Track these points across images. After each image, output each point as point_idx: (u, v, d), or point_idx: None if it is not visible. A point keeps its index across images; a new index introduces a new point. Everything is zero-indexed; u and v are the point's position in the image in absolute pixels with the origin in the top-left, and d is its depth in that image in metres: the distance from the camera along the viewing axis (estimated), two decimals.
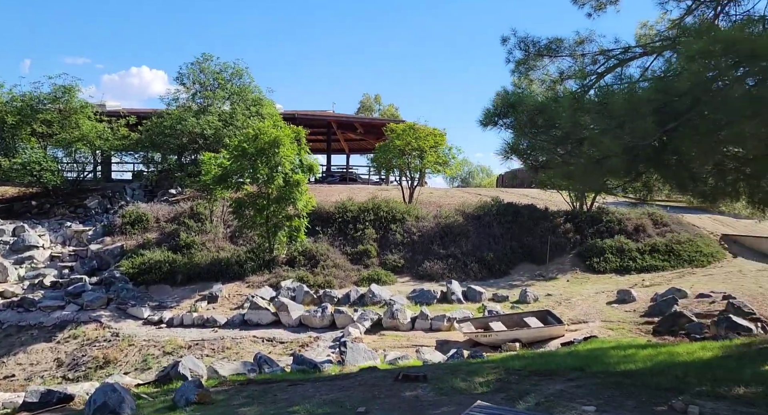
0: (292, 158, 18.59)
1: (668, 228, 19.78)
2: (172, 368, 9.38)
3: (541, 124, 5.90)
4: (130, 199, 26.10)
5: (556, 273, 18.06)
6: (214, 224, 21.43)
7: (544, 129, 5.91)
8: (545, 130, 5.90)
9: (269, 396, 6.88)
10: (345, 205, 21.89)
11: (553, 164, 5.96)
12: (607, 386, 5.63)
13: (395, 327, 13.83)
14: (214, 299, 16.99)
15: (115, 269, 18.63)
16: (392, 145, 24.45)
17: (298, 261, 19.16)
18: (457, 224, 20.59)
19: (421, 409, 5.58)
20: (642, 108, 4.51)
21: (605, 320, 12.30)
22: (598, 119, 4.93)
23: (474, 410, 4.71)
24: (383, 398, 6.11)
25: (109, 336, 15.16)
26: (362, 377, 7.24)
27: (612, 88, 5.17)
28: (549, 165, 6.10)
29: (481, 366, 7.09)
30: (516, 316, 12.89)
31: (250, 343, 14.21)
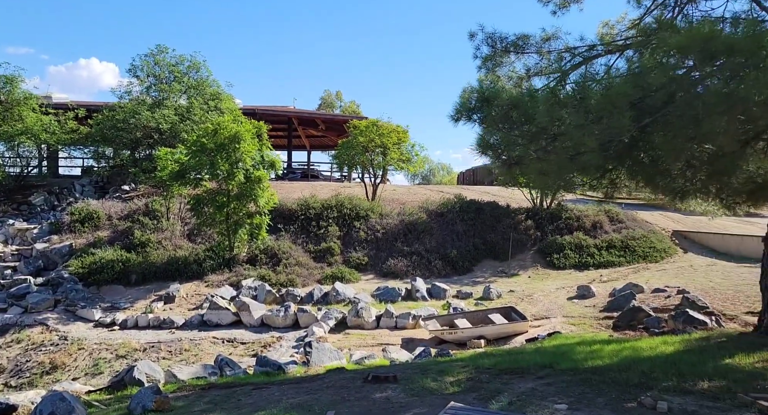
0: (253, 154, 18.13)
1: (624, 225, 20.38)
2: (127, 373, 8.92)
3: (516, 120, 5.86)
4: (79, 195, 24.90)
5: (518, 269, 18.30)
6: (171, 222, 20.69)
7: (518, 124, 5.86)
8: (519, 126, 5.86)
9: (232, 401, 6.60)
10: (308, 203, 21.55)
11: (527, 160, 5.93)
12: (577, 384, 5.64)
13: (360, 326, 13.67)
14: (171, 299, 16.37)
15: (63, 269, 17.70)
16: (355, 142, 24.24)
17: (260, 259, 18.72)
18: (421, 221, 20.59)
19: (392, 411, 5.44)
20: (619, 103, 4.50)
21: (567, 316, 12.50)
22: (575, 114, 4.91)
23: (448, 412, 4.62)
24: (353, 401, 5.94)
25: (57, 340, 14.37)
26: (330, 378, 7.04)
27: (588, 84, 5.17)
28: (522, 161, 6.07)
29: (451, 365, 7.02)
30: (481, 313, 12.95)
31: (209, 344, 13.74)
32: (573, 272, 17.55)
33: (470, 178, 46.40)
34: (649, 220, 21.85)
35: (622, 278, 15.75)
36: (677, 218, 23.24)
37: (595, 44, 7.59)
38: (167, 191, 20.78)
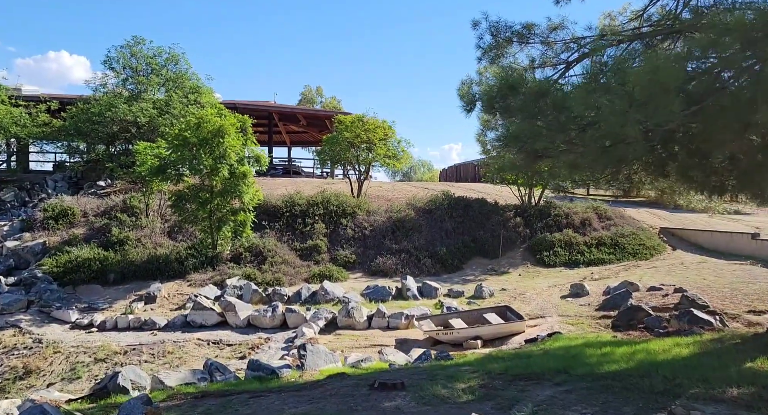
0: (238, 149, 17.55)
1: (612, 222, 20.39)
2: (111, 380, 8.38)
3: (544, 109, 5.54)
4: (52, 191, 23.93)
5: (508, 267, 18.13)
6: (151, 219, 19.98)
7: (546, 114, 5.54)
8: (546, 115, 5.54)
9: (230, 411, 6.17)
10: (293, 199, 21.05)
11: (554, 153, 5.62)
12: (598, 391, 5.38)
13: (351, 326, 13.29)
14: (153, 299, 15.75)
15: (36, 268, 16.89)
16: (340, 138, 23.78)
17: (244, 258, 18.18)
18: (409, 218, 20.28)
19: None
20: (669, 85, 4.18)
21: (562, 315, 12.33)
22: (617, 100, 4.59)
23: None
24: (361, 411, 5.57)
25: (30, 343, 13.65)
26: (332, 385, 6.66)
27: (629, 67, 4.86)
28: (549, 154, 5.76)
29: (459, 370, 6.71)
30: (476, 312, 12.69)
31: (194, 346, 13.20)
32: (564, 270, 17.45)
33: (453, 175, 46.33)
34: (636, 217, 21.94)
35: (614, 276, 15.69)
36: (663, 215, 23.41)
37: (605, 34, 7.32)
38: (146, 187, 20.06)
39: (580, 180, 6.85)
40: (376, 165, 25.61)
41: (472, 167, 41.32)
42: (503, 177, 21.88)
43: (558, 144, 5.48)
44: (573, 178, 6.94)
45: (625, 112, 4.42)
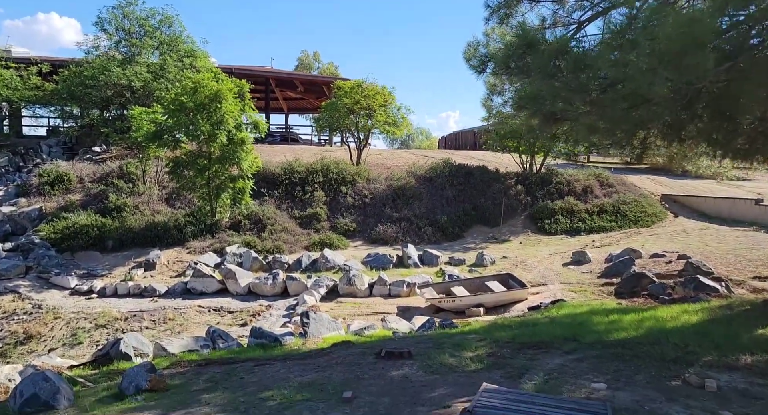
0: (236, 115, 17.16)
1: (614, 189, 20.21)
2: (113, 347, 8.34)
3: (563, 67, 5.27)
4: (46, 156, 23.52)
5: (509, 235, 18.06)
6: (148, 186, 19.72)
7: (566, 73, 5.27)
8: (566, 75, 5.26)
9: (234, 379, 6.11)
10: (292, 167, 20.77)
11: (573, 115, 5.38)
12: (609, 359, 5.32)
13: (352, 294, 13.26)
14: (152, 266, 15.66)
15: (33, 234, 16.73)
16: (339, 104, 23.29)
17: (243, 225, 18.03)
18: (410, 186, 20.07)
19: (414, 392, 5.03)
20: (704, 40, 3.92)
21: (564, 282, 12.31)
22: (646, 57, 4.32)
23: (483, 395, 4.21)
24: (368, 380, 5.51)
25: (30, 308, 13.61)
26: (338, 354, 6.60)
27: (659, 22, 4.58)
28: (567, 116, 5.51)
29: (466, 338, 6.65)
30: (477, 280, 12.65)
31: (195, 313, 13.19)
32: (565, 238, 17.39)
33: (452, 142, 45.88)
34: (638, 184, 21.76)
35: (615, 243, 15.64)
36: (665, 182, 23.22)
37: None
38: (143, 153, 19.73)
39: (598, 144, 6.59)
40: (375, 132, 25.24)
41: (471, 135, 40.89)
42: (504, 144, 21.60)
43: (577, 105, 5.23)
44: (590, 142, 6.69)
45: (654, 70, 4.18)
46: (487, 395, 4.20)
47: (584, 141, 6.25)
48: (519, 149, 20.93)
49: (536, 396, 4.15)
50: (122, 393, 5.97)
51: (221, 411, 5.04)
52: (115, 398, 5.94)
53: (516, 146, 20.94)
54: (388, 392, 5.10)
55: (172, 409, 5.27)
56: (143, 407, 5.43)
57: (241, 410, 4.99)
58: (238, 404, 5.18)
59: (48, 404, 5.70)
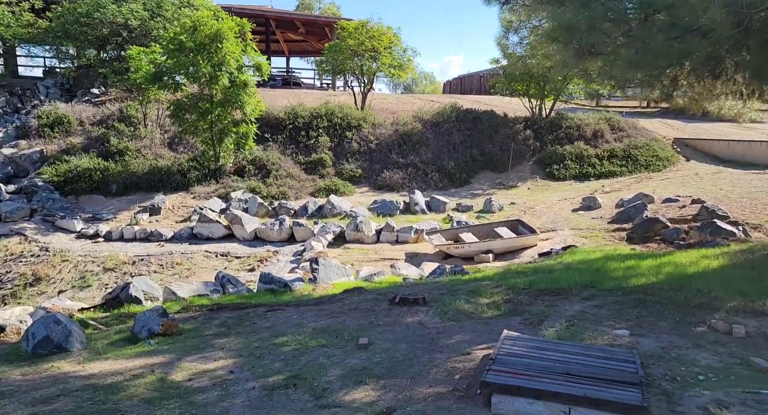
0: (237, 55, 16.49)
1: (625, 133, 19.74)
2: (123, 290, 8.31)
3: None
4: (44, 98, 22.92)
5: (517, 181, 17.81)
6: (149, 129, 19.30)
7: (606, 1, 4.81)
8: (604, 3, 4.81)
9: (247, 324, 6.07)
10: (295, 111, 20.25)
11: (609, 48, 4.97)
12: (630, 305, 5.22)
13: (359, 240, 13.19)
14: (157, 210, 15.56)
15: (36, 177, 16.54)
16: (344, 45, 22.41)
17: (248, 171, 17.78)
18: (416, 131, 19.62)
19: (431, 339, 4.96)
20: None
21: (574, 228, 12.18)
22: None
23: (506, 343, 4.11)
24: (383, 326, 5.44)
25: (38, 251, 13.63)
26: (351, 299, 6.53)
27: None
28: (602, 50, 5.10)
29: (480, 285, 6.56)
30: (486, 226, 12.53)
31: (202, 258, 13.20)
32: (573, 183, 17.14)
33: (457, 87, 44.68)
34: (649, 128, 21.23)
35: (625, 189, 15.40)
36: (677, 126, 22.63)
37: None
38: (143, 96, 19.17)
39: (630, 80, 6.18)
40: (380, 75, 24.44)
41: (477, 79, 39.73)
42: (513, 88, 20.92)
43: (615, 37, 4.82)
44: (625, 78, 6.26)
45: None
46: (509, 342, 4.10)
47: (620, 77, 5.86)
48: (528, 93, 20.28)
49: (560, 343, 4.06)
50: (135, 337, 5.94)
51: (236, 356, 5.00)
52: (127, 342, 5.93)
53: (525, 90, 20.27)
54: (404, 338, 5.04)
55: (185, 353, 5.23)
56: (156, 351, 5.40)
57: (256, 356, 4.95)
58: (253, 350, 5.14)
59: (61, 347, 5.69)
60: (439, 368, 4.23)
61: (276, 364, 4.68)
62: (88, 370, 4.99)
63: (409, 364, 4.40)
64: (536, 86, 19.47)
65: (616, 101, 30.66)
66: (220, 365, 4.83)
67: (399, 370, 4.29)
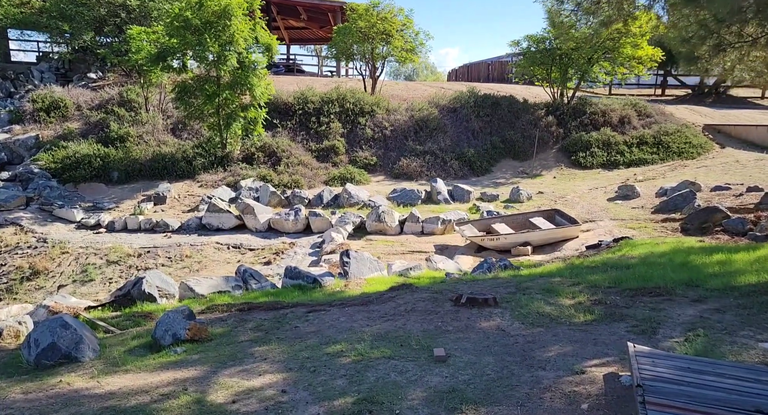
0: (246, 34, 15.46)
1: (653, 119, 18.83)
2: (134, 286, 7.41)
3: None
4: (39, 82, 21.82)
5: (541, 169, 16.94)
6: (151, 114, 18.28)
7: None
8: None
9: (287, 328, 5.19)
10: (305, 96, 19.26)
11: None
12: (761, 310, 4.37)
13: (382, 231, 12.31)
14: (162, 199, 14.63)
15: (31, 164, 15.54)
16: (354, 28, 21.38)
17: (257, 158, 16.83)
18: (432, 117, 18.68)
19: (521, 350, 4.09)
20: None
21: (615, 219, 11.34)
22: None
23: (643, 362, 3.23)
24: (455, 333, 4.57)
25: (35, 242, 12.69)
26: (403, 299, 5.66)
27: None
28: None
29: (551, 282, 5.70)
30: (520, 216, 11.67)
31: (213, 250, 12.30)
32: (602, 172, 16.27)
33: (464, 75, 43.61)
34: (675, 114, 20.30)
35: (660, 177, 14.55)
36: (704, 112, 21.65)
37: None
38: (144, 79, 18.12)
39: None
40: (390, 60, 23.41)
41: (485, 66, 38.71)
42: (533, 73, 19.96)
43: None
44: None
45: None
46: (646, 360, 3.23)
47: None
48: (550, 77, 19.29)
49: (717, 363, 3.19)
50: (157, 343, 5.06)
51: (284, 369, 4.13)
52: (148, 349, 5.04)
53: (546, 74, 19.28)
54: (486, 349, 4.17)
55: (221, 365, 4.36)
56: (186, 362, 4.52)
57: (310, 369, 4.08)
58: (303, 361, 4.27)
59: (70, 356, 4.81)
60: (552, 391, 3.37)
61: (338, 381, 3.82)
62: (104, 387, 4.11)
63: (507, 385, 3.54)
64: (559, 69, 18.53)
65: (628, 89, 29.76)
66: (267, 381, 3.96)
67: (498, 393, 3.43)
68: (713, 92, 25.96)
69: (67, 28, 21.10)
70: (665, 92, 28.34)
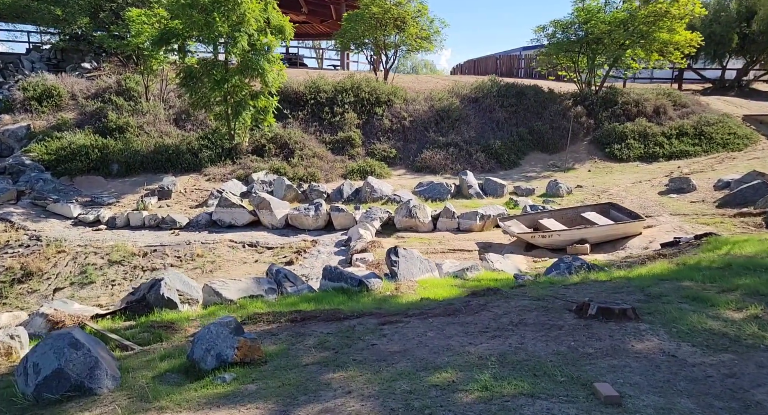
0: (258, 14, 14.25)
1: (689, 109, 17.75)
2: (151, 289, 6.21)
3: None
4: (29, 72, 20.44)
5: (572, 162, 15.84)
6: (152, 103, 17.02)
7: None
8: None
9: (360, 345, 4.02)
10: (317, 85, 18.08)
11: None
12: None
13: (413, 228, 11.17)
14: (167, 194, 13.42)
15: (22, 155, 14.26)
16: (366, 14, 20.21)
17: (268, 150, 15.64)
18: (454, 107, 17.55)
19: (727, 389, 2.97)
20: None
21: (676, 213, 10.27)
22: None
23: None
24: (603, 358, 3.43)
25: (26, 240, 11.46)
26: (498, 307, 4.51)
27: None
28: None
29: (683, 287, 4.58)
30: (571, 211, 10.57)
31: (227, 249, 11.11)
32: (640, 164, 15.20)
33: (469, 71, 42.54)
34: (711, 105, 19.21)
35: (709, 169, 13.50)
36: (738, 103, 20.52)
37: None
38: (144, 65, 16.85)
39: None
40: (402, 49, 22.23)
41: (493, 61, 37.67)
42: (558, 62, 18.88)
43: None
44: None
45: None
46: None
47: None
48: (577, 65, 18.19)
49: None
50: (195, 366, 3.87)
51: (383, 411, 2.96)
52: (184, 375, 3.86)
53: (573, 62, 18.17)
54: (669, 385, 3.03)
55: (291, 400, 3.19)
56: (241, 395, 3.34)
57: (417, 409, 2.92)
58: (405, 397, 3.09)
59: (82, 387, 3.61)
60: None
61: None
62: None
63: None
64: (588, 56, 17.44)
65: (641, 83, 28.83)
66: None
67: None
68: (736, 85, 25.03)
69: (60, 13, 19.73)
70: (681, 87, 27.42)
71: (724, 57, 24.04)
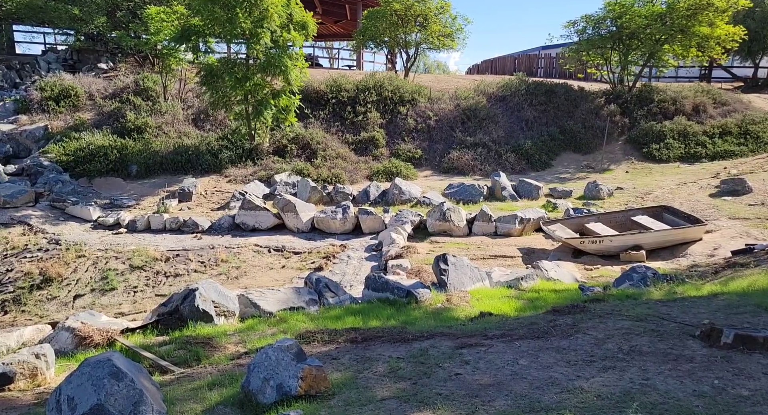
0: (281, 10, 13.74)
1: (730, 107, 16.91)
2: (184, 300, 5.67)
3: None
4: (45, 73, 20.11)
5: (608, 163, 15.15)
6: (170, 103, 16.57)
7: None
8: None
9: (443, 377, 3.43)
10: (338, 84, 17.54)
11: None
12: None
13: (447, 232, 10.57)
14: (188, 196, 12.94)
15: (40, 156, 13.86)
16: (387, 10, 19.66)
17: (289, 151, 15.11)
18: (481, 106, 16.93)
19: None
20: None
21: (735, 218, 9.60)
22: None
23: None
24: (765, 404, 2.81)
25: (45, 244, 11.00)
26: (597, 330, 3.90)
27: None
28: None
29: None
30: (620, 214, 9.92)
31: (252, 254, 10.58)
32: (682, 165, 14.46)
33: (486, 71, 41.85)
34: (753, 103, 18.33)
35: (759, 170, 12.76)
36: None
37: None
38: (163, 64, 16.42)
39: None
40: (424, 47, 21.63)
41: (511, 60, 36.98)
42: (588, 59, 18.18)
43: None
44: None
45: None
46: None
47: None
48: (609, 62, 17.47)
49: None
50: (252, 399, 3.31)
51: None
52: (239, 409, 3.30)
53: (605, 58, 17.41)
54: None
55: None
56: None
57: None
58: None
59: None
60: None
61: None
62: None
63: None
64: (621, 53, 16.72)
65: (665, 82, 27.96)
66: None
67: None
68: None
69: (77, 13, 19.38)
70: None
71: (758, 54, 23.18)
